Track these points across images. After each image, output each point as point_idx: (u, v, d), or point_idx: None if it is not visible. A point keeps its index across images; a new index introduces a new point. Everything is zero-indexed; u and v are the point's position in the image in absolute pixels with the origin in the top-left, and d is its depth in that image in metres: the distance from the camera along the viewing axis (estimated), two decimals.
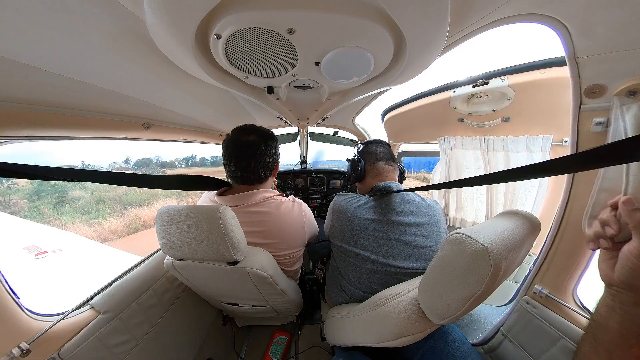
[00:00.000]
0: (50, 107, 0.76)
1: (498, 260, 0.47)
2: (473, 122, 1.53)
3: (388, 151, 1.14)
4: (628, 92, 0.54)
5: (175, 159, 14.57)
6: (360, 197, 0.99)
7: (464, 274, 0.50)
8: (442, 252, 0.56)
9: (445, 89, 1.39)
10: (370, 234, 0.89)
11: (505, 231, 0.54)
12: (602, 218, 0.41)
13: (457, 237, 0.52)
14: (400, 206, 0.91)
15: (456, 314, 0.52)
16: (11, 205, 10.13)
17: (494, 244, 0.48)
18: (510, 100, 1.23)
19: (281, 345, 1.35)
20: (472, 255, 0.48)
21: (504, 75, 1.15)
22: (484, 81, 1.20)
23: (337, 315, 0.91)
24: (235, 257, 0.80)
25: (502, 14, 0.59)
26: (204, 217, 0.78)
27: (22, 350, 0.66)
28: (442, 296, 0.54)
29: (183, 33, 0.51)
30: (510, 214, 0.65)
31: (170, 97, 1.01)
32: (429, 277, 0.59)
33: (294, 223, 0.97)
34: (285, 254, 0.99)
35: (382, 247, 0.86)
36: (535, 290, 0.79)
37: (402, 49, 0.63)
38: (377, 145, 1.16)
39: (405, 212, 0.90)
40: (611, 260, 0.39)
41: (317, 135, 2.38)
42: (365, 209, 0.94)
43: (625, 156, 0.38)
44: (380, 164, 1.10)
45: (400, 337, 0.64)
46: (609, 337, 0.38)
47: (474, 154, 1.68)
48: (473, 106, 1.43)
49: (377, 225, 0.89)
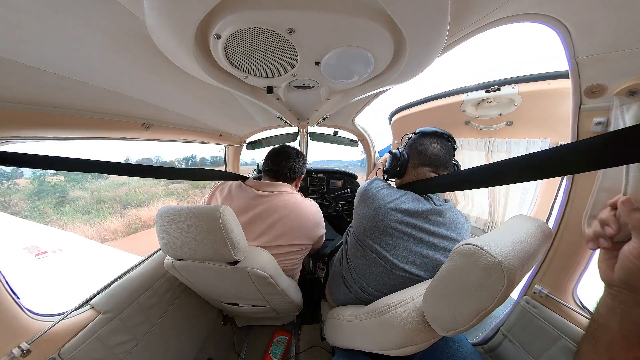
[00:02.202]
0: (50, 107, 0.76)
1: (512, 275, 0.44)
2: (479, 125, 1.61)
3: (444, 151, 0.91)
4: (628, 92, 0.54)
5: (175, 159, 14.57)
6: (395, 191, 0.89)
7: (475, 289, 0.47)
8: (451, 262, 0.53)
9: (458, 92, 1.45)
10: (392, 232, 0.82)
11: (518, 242, 0.50)
12: (601, 218, 0.41)
13: (468, 248, 0.49)
14: (434, 216, 0.83)
15: (463, 327, 0.50)
16: (11, 205, 10.13)
17: (507, 257, 0.45)
18: (517, 106, 1.31)
19: (281, 345, 1.35)
20: (485, 270, 0.45)
21: (516, 83, 1.22)
22: (496, 87, 1.27)
23: (338, 317, 0.91)
24: (235, 256, 0.80)
25: (502, 14, 0.59)
26: (204, 217, 0.78)
27: (22, 350, 0.66)
28: (449, 308, 0.51)
29: (183, 33, 0.50)
30: (522, 222, 0.61)
31: (170, 97, 1.01)
32: (435, 288, 0.57)
33: (309, 217, 1.07)
34: (295, 244, 1.04)
35: (397, 247, 0.80)
36: (535, 290, 0.79)
37: (402, 48, 0.63)
38: (432, 139, 0.92)
39: (438, 223, 0.83)
40: (611, 260, 0.39)
41: (317, 135, 2.37)
42: (400, 205, 0.84)
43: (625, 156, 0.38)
44: (426, 170, 0.91)
45: (404, 346, 0.62)
46: (609, 337, 0.37)
47: (478, 155, 1.75)
48: (482, 110, 1.50)
49: (403, 226, 0.82)
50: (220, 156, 2.27)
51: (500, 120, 1.48)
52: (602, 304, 0.39)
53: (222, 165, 2.28)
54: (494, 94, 1.28)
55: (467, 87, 1.41)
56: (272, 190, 1.07)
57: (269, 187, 1.08)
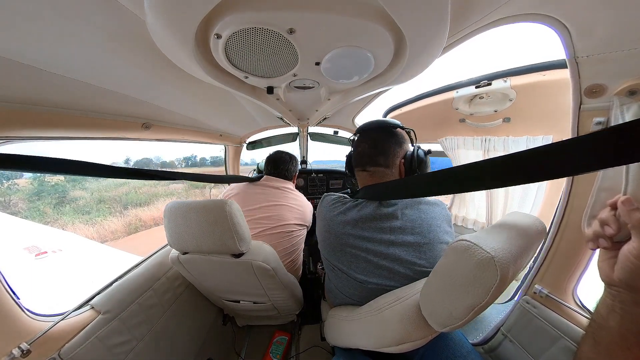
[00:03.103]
0: (50, 107, 0.76)
1: (505, 269, 0.45)
2: (474, 123, 1.54)
3: (374, 143, 0.84)
4: (628, 91, 0.54)
5: (175, 159, 14.60)
6: (346, 200, 0.86)
7: (469, 284, 0.48)
8: (446, 259, 0.55)
9: (448, 89, 1.39)
10: (348, 250, 0.78)
11: (511, 238, 0.52)
12: (601, 218, 0.41)
13: (462, 244, 0.51)
14: (388, 221, 0.76)
15: (459, 322, 0.51)
16: (11, 205, 10.13)
17: (500, 252, 0.46)
18: (512, 101, 1.24)
19: (281, 345, 1.35)
20: (478, 265, 0.47)
21: (507, 76, 1.15)
22: (486, 82, 1.20)
23: (337, 317, 0.91)
24: (240, 248, 0.83)
25: (502, 14, 0.59)
26: (212, 209, 0.81)
27: (22, 350, 0.66)
28: (445, 304, 0.53)
29: (183, 33, 0.50)
30: (516, 219, 0.63)
31: (170, 97, 1.01)
32: (431, 284, 0.58)
33: (307, 205, 1.43)
34: (294, 224, 1.28)
35: (359, 264, 0.76)
36: (535, 289, 0.79)
37: (403, 48, 0.63)
38: (362, 138, 0.88)
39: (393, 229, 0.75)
40: (611, 260, 0.39)
41: (317, 135, 2.37)
42: (346, 218, 0.80)
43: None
44: (358, 170, 0.88)
45: (401, 343, 0.63)
46: (609, 337, 0.37)
47: (475, 155, 1.68)
48: (475, 107, 1.43)
49: (356, 241, 0.77)
50: (221, 156, 2.27)
51: (496, 117, 1.42)
52: (602, 304, 0.39)
53: (222, 165, 2.28)
54: (485, 89, 1.22)
55: (456, 84, 1.34)
56: (282, 185, 1.38)
57: (279, 183, 1.39)
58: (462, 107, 1.45)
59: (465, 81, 1.30)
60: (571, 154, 0.36)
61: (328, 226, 0.85)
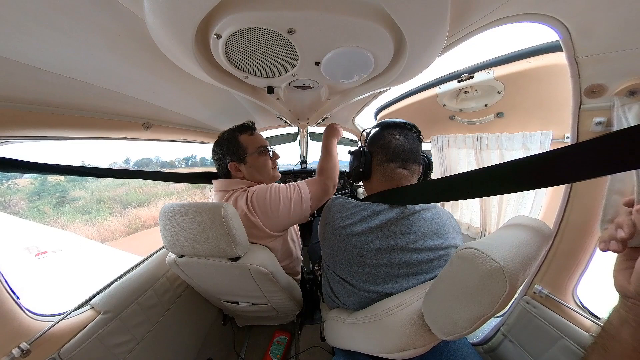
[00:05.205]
0: (50, 107, 0.76)
1: (514, 279, 0.43)
2: (464, 119, 1.44)
3: (410, 143, 0.79)
4: (628, 91, 0.54)
5: (175, 159, 14.60)
6: (358, 206, 0.79)
7: (476, 294, 0.46)
8: (451, 266, 0.53)
9: (431, 85, 1.32)
10: (368, 262, 0.72)
11: (519, 246, 0.50)
12: (617, 221, 0.39)
13: (469, 252, 0.48)
14: (409, 226, 0.73)
15: (463, 332, 0.49)
16: (11, 205, 10.13)
17: (509, 262, 0.44)
18: (501, 94, 1.15)
19: (281, 345, 1.35)
20: (486, 274, 0.45)
21: (489, 67, 1.06)
22: (468, 75, 1.13)
23: (337, 318, 0.90)
24: (236, 252, 0.81)
25: (502, 14, 0.59)
26: (207, 213, 0.80)
27: (22, 350, 0.66)
28: (449, 312, 0.51)
29: (183, 33, 0.50)
30: (522, 224, 0.60)
31: (170, 97, 1.01)
32: (435, 291, 0.56)
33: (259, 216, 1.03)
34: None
35: (380, 277, 0.72)
36: (535, 290, 0.79)
37: (403, 48, 0.63)
38: (395, 131, 0.80)
39: (415, 233, 0.73)
40: (627, 270, 0.38)
41: (317, 135, 2.37)
42: (362, 227, 0.75)
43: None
44: (393, 166, 0.79)
45: (403, 350, 0.61)
46: (621, 350, 0.36)
47: (467, 153, 1.56)
48: (462, 102, 1.35)
49: (377, 252, 0.73)
50: None
51: (487, 113, 1.30)
52: (615, 314, 0.38)
53: None
54: (468, 82, 1.13)
55: (438, 79, 1.24)
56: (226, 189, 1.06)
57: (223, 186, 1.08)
58: (449, 103, 1.36)
59: (446, 76, 1.21)
60: (588, 158, 0.37)
61: (340, 236, 0.77)
